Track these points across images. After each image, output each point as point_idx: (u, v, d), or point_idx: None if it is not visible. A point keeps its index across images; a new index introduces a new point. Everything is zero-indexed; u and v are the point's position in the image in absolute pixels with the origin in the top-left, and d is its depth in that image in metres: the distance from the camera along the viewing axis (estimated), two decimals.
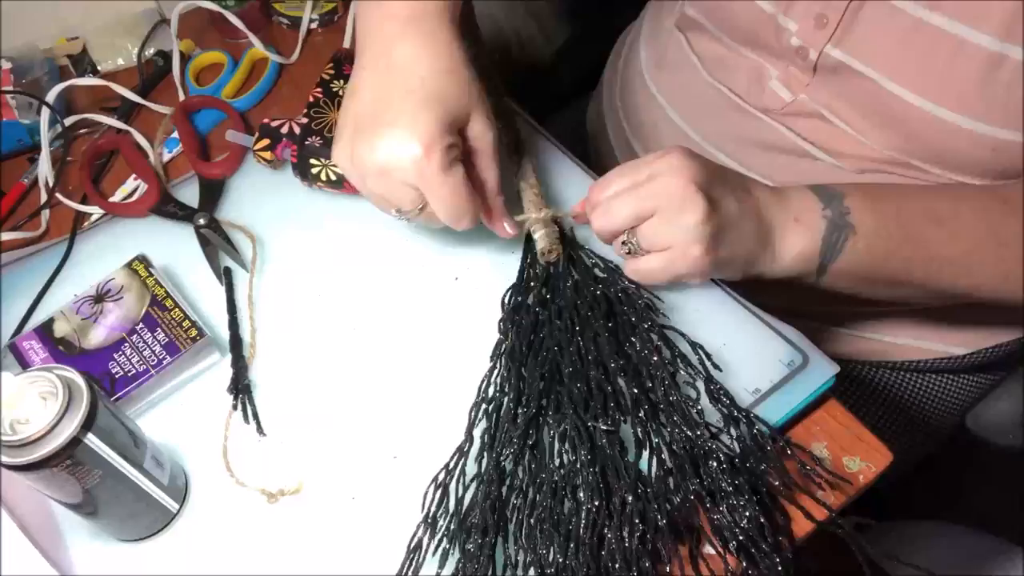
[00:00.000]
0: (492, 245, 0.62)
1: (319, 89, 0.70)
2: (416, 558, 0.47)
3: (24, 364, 0.55)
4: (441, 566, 0.47)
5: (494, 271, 0.61)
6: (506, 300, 0.58)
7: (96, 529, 0.51)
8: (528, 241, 0.60)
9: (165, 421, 0.56)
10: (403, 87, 0.50)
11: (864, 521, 0.47)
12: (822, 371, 0.54)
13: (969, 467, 1.21)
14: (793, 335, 0.56)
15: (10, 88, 0.74)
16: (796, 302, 0.71)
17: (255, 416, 0.56)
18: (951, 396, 0.80)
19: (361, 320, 0.60)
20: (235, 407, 0.56)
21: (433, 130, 0.49)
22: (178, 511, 0.52)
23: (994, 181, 0.59)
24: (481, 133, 0.53)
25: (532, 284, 0.58)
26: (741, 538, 0.46)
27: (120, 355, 0.56)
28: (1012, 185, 0.58)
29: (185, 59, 0.79)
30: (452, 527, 0.48)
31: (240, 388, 0.57)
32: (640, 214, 0.52)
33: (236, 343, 0.59)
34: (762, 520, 0.46)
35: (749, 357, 0.55)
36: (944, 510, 1.11)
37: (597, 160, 0.90)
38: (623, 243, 0.54)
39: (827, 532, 0.47)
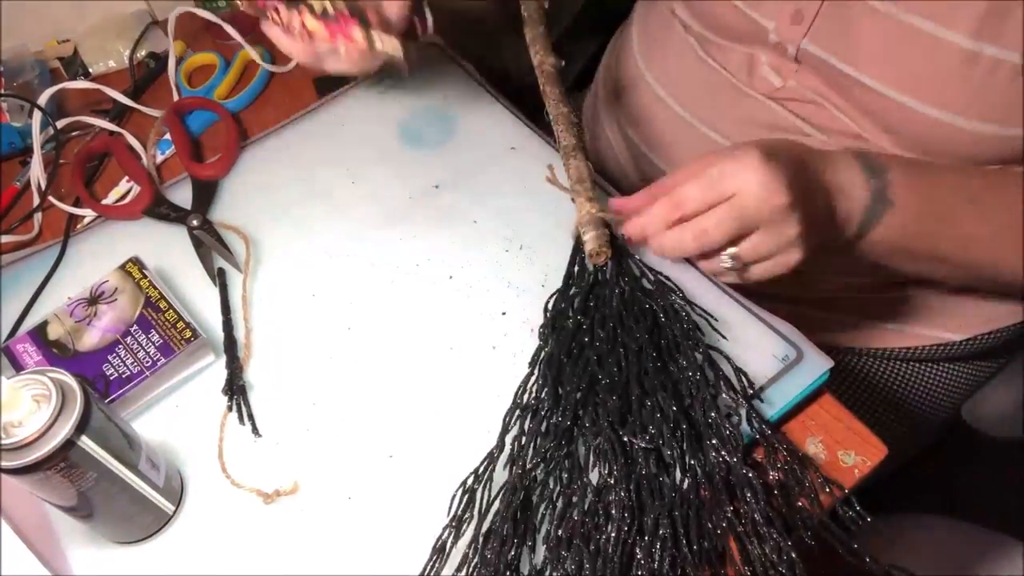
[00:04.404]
0: (487, 244, 0.63)
1: None
2: (439, 560, 0.47)
3: (18, 367, 0.55)
4: (459, 569, 0.47)
5: (489, 270, 0.61)
6: (550, 305, 0.56)
7: (92, 532, 0.51)
8: (577, 244, 0.59)
9: (160, 423, 0.56)
10: None
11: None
12: (816, 366, 0.54)
13: (965, 460, 1.21)
14: (787, 329, 0.56)
15: (1, 91, 0.74)
16: (785, 287, 0.71)
17: (250, 417, 0.56)
18: (946, 386, 0.80)
19: (356, 320, 0.60)
20: (230, 408, 0.56)
21: None
22: (174, 513, 0.52)
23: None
24: None
25: (576, 290, 0.56)
26: (772, 573, 0.45)
27: (114, 357, 0.56)
28: None
29: (177, 61, 0.79)
30: (475, 532, 0.47)
31: (235, 389, 0.57)
32: (741, 234, 0.52)
33: (231, 344, 0.59)
34: (794, 555, 0.45)
35: (743, 352, 0.55)
36: (940, 504, 1.11)
37: (595, 151, 0.90)
38: (727, 262, 0.54)
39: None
